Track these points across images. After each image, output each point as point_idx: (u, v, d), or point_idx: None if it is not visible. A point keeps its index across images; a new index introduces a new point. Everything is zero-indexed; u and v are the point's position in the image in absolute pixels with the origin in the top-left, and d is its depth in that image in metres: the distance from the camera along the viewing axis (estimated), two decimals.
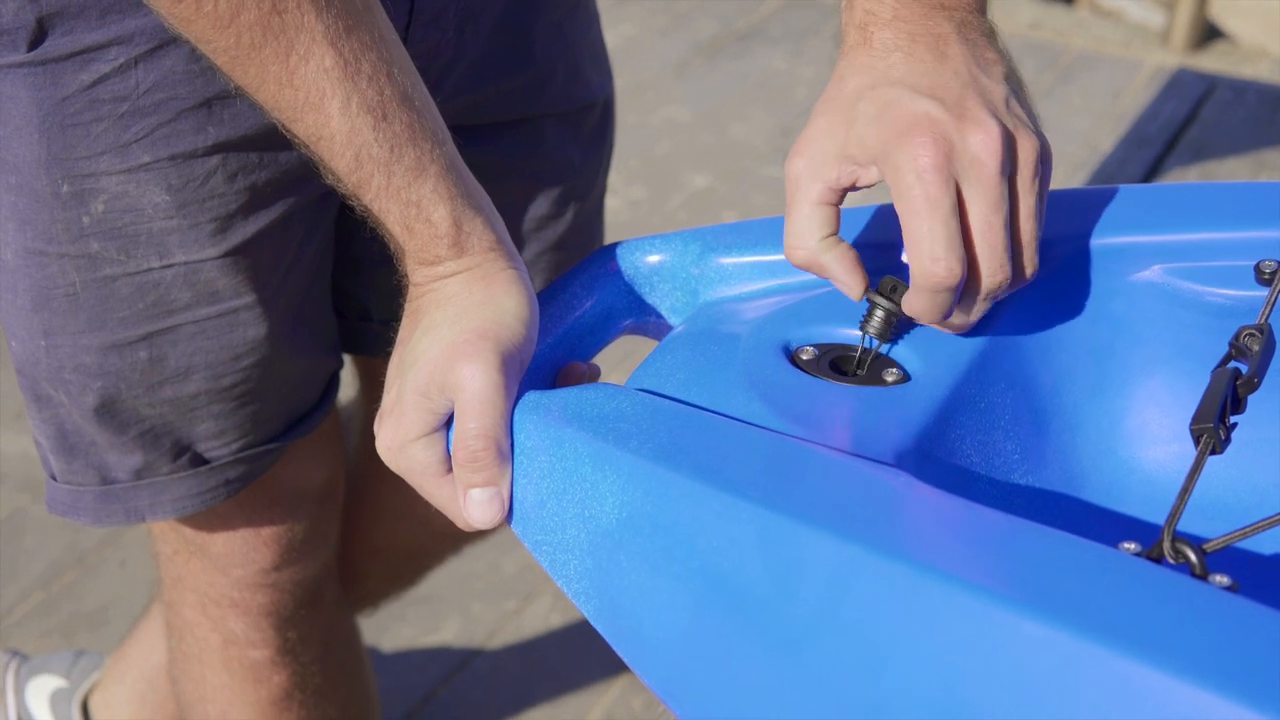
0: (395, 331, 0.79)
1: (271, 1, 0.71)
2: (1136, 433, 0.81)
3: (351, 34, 0.73)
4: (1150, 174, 1.65)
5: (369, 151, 0.74)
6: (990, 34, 0.77)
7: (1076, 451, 0.81)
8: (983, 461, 0.76)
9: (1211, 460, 0.82)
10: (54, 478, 1.00)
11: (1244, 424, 0.81)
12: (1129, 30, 3.39)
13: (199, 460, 0.99)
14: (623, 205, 2.76)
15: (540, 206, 1.12)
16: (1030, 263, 0.75)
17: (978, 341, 0.78)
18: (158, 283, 0.91)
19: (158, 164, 0.88)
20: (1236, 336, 0.71)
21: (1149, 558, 0.59)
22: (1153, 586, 0.56)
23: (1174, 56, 3.22)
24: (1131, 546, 0.60)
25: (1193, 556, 0.58)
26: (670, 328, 0.87)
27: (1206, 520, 0.78)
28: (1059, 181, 2.60)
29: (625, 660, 0.70)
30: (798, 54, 3.33)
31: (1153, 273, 0.80)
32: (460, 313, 0.75)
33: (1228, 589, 0.57)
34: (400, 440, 0.75)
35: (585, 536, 0.70)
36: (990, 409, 0.77)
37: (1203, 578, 0.58)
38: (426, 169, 0.75)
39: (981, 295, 0.74)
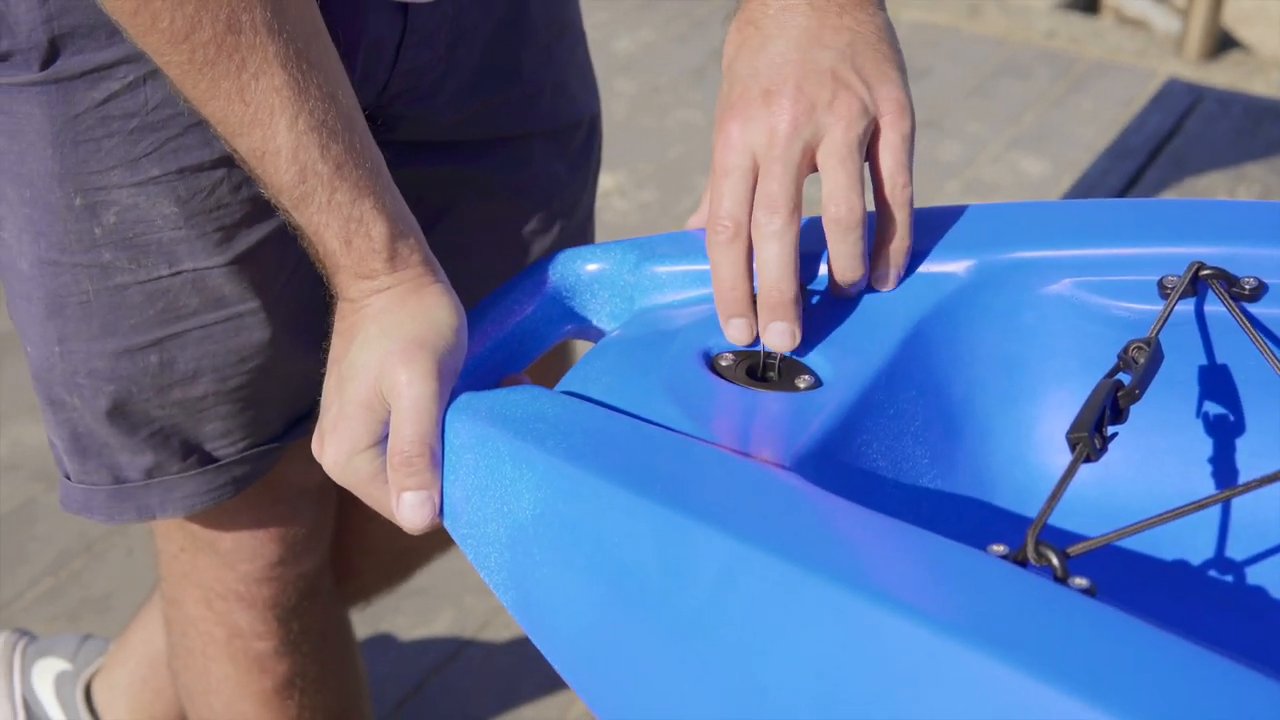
0: None
1: (226, 21, 0.75)
2: (1046, 441, 0.85)
3: (302, 56, 0.77)
4: (1130, 185, 1.68)
5: (314, 167, 0.78)
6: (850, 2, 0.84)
7: (988, 459, 0.85)
8: (891, 465, 0.80)
9: (1117, 467, 0.86)
10: (68, 477, 1.04)
11: (1147, 432, 0.85)
12: (1144, 40, 3.41)
13: (207, 459, 1.03)
14: (632, 208, 2.80)
15: (527, 222, 1.15)
16: (847, 211, 0.81)
17: (891, 349, 0.82)
18: (167, 290, 0.95)
19: (166, 177, 0.91)
20: (1125, 349, 0.75)
21: (1014, 559, 0.63)
22: (1009, 588, 0.60)
23: (1187, 67, 3.24)
24: (1000, 549, 0.64)
25: (1054, 560, 0.62)
26: (606, 333, 0.91)
27: (1108, 524, 0.82)
28: (1057, 191, 2.62)
29: (539, 648, 0.75)
30: None
31: (1062, 286, 0.84)
32: (396, 324, 0.79)
33: (1085, 590, 0.61)
34: (348, 453, 0.79)
35: (504, 531, 0.74)
36: (900, 415, 0.81)
37: (1062, 579, 0.61)
38: (367, 186, 0.79)
39: (759, 247, 0.81)
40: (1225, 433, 0.83)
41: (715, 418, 0.77)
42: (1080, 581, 0.61)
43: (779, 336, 0.80)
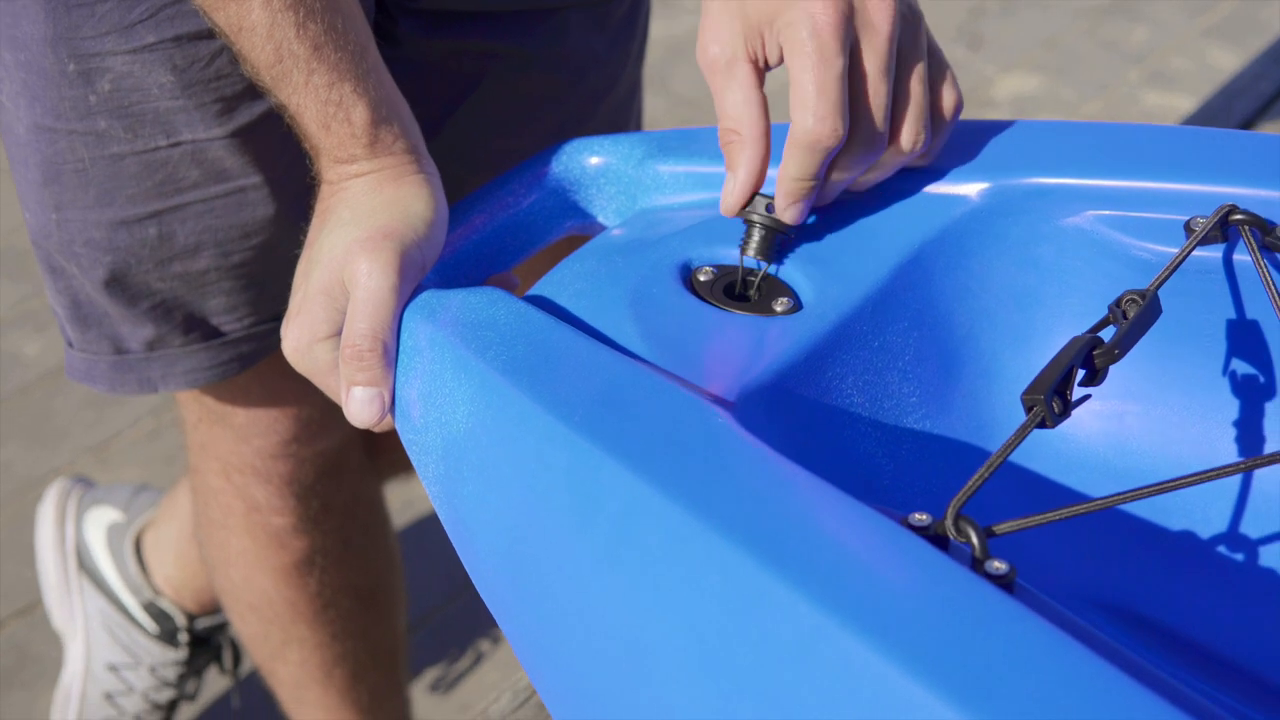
0: None
1: None
2: None
3: None
4: (1279, 94, 1.56)
5: (290, 47, 0.74)
6: None
7: (990, 399, 0.78)
8: (869, 403, 0.74)
9: (1133, 424, 0.78)
10: (71, 345, 1.03)
11: (1168, 389, 0.77)
12: None
13: (211, 334, 1.01)
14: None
15: (565, 98, 1.10)
16: (879, 124, 0.75)
17: (884, 275, 0.75)
18: (165, 161, 0.92)
19: (162, 45, 0.88)
20: (1119, 301, 0.67)
21: (933, 533, 0.57)
22: (910, 568, 0.54)
23: None
24: (923, 518, 0.57)
25: (974, 538, 0.56)
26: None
27: (1118, 484, 0.75)
28: (1238, 85, 2.45)
29: (468, 571, 0.71)
30: None
31: (1083, 219, 0.76)
32: (367, 212, 0.76)
33: (1002, 575, 0.55)
34: (308, 340, 0.76)
35: (440, 442, 0.71)
36: (886, 348, 0.75)
37: (980, 560, 0.55)
38: (348, 69, 0.76)
39: (857, 158, 0.74)
40: (1251, 395, 0.74)
41: (673, 339, 0.71)
42: (999, 565, 0.55)
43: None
